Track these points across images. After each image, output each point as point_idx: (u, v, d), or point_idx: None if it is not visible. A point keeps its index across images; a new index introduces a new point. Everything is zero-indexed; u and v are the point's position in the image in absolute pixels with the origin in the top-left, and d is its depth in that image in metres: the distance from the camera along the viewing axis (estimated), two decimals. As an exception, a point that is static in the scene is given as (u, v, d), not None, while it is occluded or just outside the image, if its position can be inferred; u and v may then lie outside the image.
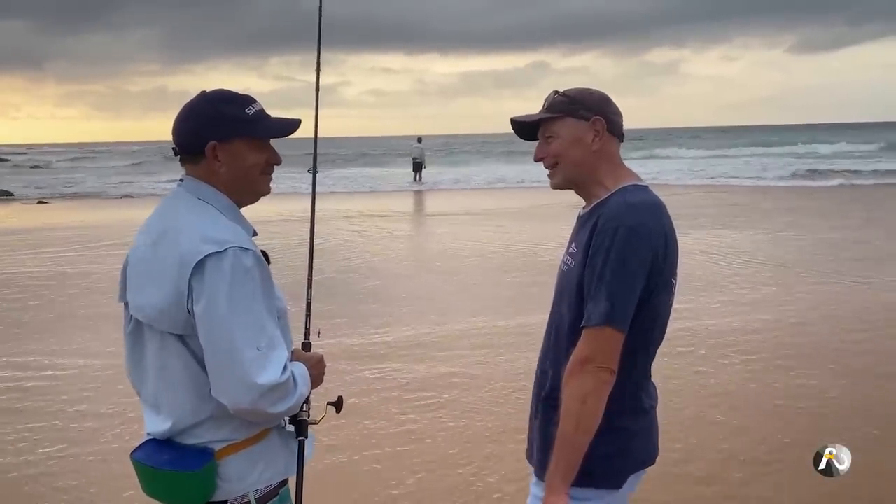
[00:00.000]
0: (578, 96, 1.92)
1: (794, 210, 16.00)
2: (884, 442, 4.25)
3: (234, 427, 1.71)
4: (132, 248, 1.81)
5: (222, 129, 1.74)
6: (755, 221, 13.93)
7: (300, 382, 1.71)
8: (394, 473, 4.01)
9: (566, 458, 1.78)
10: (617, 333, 1.76)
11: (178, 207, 1.77)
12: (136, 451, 1.78)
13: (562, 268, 1.94)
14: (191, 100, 1.79)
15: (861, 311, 7.17)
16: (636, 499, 2.00)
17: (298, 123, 1.84)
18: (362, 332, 6.72)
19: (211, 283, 1.61)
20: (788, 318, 6.97)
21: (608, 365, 1.76)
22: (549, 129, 1.93)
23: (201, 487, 1.70)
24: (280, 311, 1.76)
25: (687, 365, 5.64)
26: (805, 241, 11.56)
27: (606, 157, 1.91)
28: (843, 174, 26.58)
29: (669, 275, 1.85)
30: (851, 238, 11.69)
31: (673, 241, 1.85)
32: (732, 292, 8.04)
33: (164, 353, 1.71)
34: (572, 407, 1.78)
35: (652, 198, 1.87)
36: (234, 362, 1.60)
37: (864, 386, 5.22)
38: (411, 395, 5.20)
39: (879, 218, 14.44)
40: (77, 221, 16.24)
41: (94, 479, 4.03)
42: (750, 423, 4.61)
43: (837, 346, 6.13)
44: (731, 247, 10.96)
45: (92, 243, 12.41)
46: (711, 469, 3.99)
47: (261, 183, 1.83)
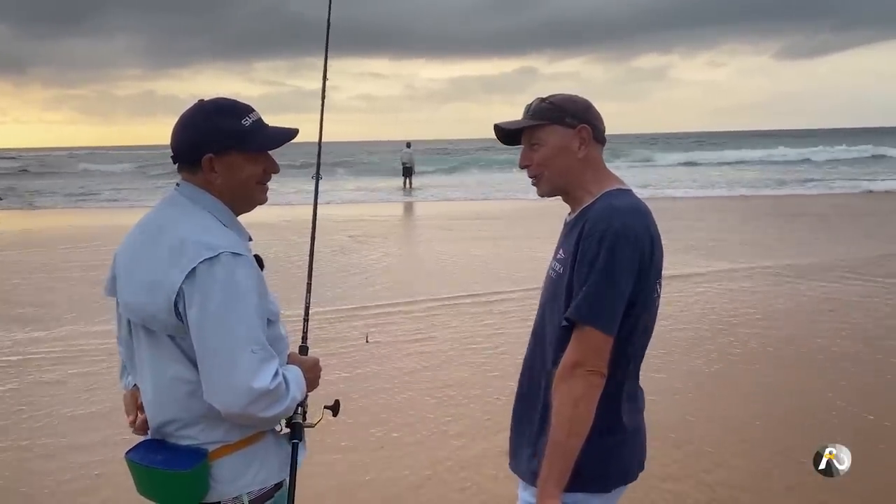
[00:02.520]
0: (564, 104, 1.92)
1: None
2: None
3: (228, 428, 1.73)
4: (122, 246, 1.81)
5: (218, 142, 1.74)
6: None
7: (293, 387, 1.72)
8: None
9: (559, 463, 1.79)
10: (606, 336, 1.77)
11: (172, 211, 1.78)
12: (130, 451, 1.79)
13: (550, 274, 1.95)
14: (188, 109, 1.79)
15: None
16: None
17: (295, 133, 1.85)
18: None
19: (203, 288, 1.62)
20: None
21: (598, 368, 1.78)
22: (535, 136, 1.93)
23: (194, 488, 1.71)
24: (273, 315, 1.77)
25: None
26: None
27: (592, 164, 1.92)
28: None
29: (655, 277, 1.87)
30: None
31: (658, 244, 1.87)
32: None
33: (157, 352, 1.72)
34: (564, 411, 1.78)
35: (636, 202, 1.89)
36: (225, 367, 1.61)
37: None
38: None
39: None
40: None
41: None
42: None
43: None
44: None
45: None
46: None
47: (257, 193, 1.84)
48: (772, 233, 13.30)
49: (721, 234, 13.08)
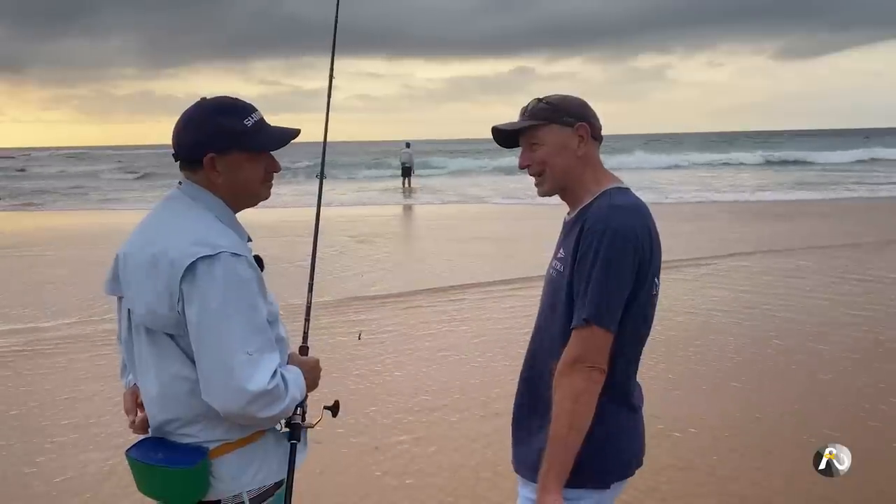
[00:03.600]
0: (561, 103, 1.94)
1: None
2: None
3: (229, 427, 1.73)
4: (125, 245, 1.81)
5: (220, 142, 1.75)
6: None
7: (293, 387, 1.72)
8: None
9: (559, 459, 1.80)
10: (606, 333, 1.79)
11: (174, 210, 1.79)
12: (131, 448, 1.80)
13: (550, 273, 1.96)
14: (189, 108, 1.79)
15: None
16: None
17: (297, 133, 1.85)
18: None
19: (202, 287, 1.63)
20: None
21: (598, 364, 1.79)
22: (534, 136, 1.94)
23: (194, 485, 1.72)
24: (273, 315, 1.77)
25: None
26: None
27: (590, 162, 1.94)
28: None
29: (654, 275, 1.88)
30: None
31: (657, 242, 1.88)
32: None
33: (158, 350, 1.73)
34: (565, 407, 1.79)
35: (635, 200, 1.90)
36: (223, 367, 1.62)
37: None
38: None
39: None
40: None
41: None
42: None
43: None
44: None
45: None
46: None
47: (260, 190, 1.84)
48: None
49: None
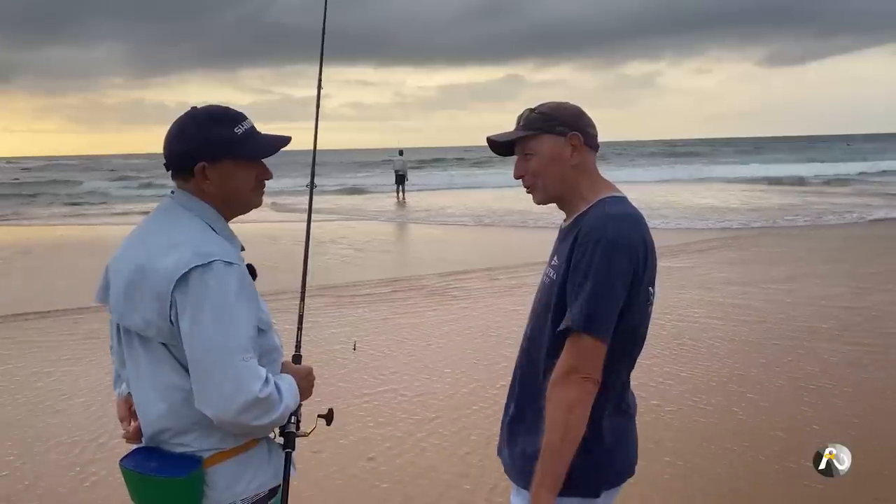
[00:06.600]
0: (553, 112, 1.94)
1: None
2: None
3: (223, 436, 1.73)
4: (117, 254, 1.81)
5: (211, 151, 1.75)
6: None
7: (286, 395, 1.72)
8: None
9: (553, 468, 1.79)
10: (599, 343, 1.78)
11: (166, 219, 1.79)
12: (124, 458, 1.79)
13: (544, 280, 1.96)
14: (180, 117, 1.79)
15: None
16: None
17: (288, 140, 1.86)
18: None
19: (195, 296, 1.63)
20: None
21: (592, 375, 1.79)
22: (527, 146, 1.95)
23: (188, 495, 1.71)
24: (265, 324, 1.77)
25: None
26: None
27: (585, 171, 1.95)
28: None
29: (649, 284, 1.88)
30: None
31: (652, 252, 1.88)
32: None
33: (151, 359, 1.72)
34: (558, 417, 1.79)
35: (631, 209, 1.90)
36: (216, 376, 1.61)
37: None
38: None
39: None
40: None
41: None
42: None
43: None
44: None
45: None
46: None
47: (251, 198, 1.85)
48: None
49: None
